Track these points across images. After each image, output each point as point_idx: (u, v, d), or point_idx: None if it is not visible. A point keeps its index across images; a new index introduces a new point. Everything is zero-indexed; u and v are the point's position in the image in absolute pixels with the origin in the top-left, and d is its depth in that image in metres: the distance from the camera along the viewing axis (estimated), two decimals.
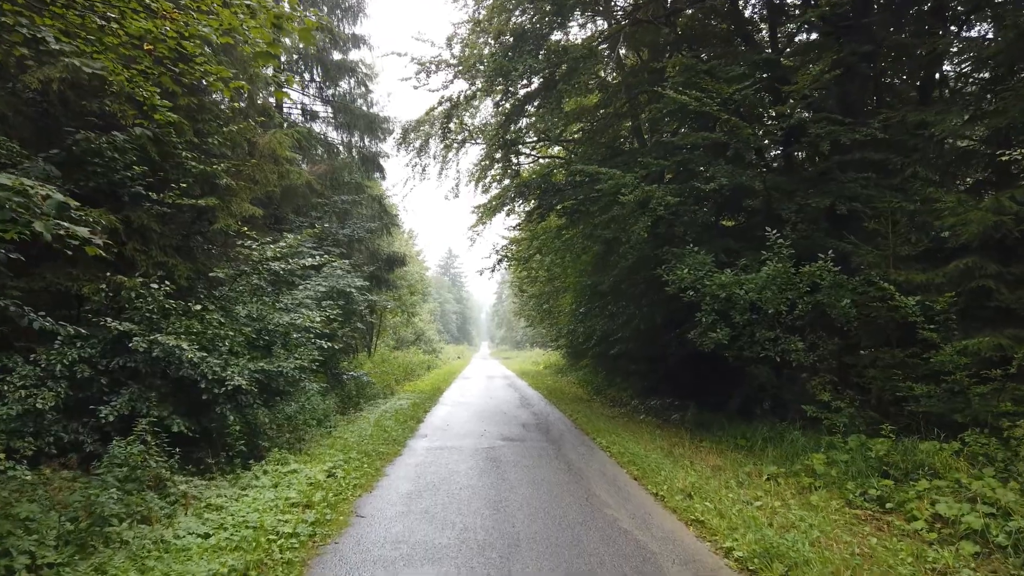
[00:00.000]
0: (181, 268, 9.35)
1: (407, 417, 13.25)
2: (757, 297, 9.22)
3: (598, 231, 12.69)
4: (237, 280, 9.76)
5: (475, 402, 17.39)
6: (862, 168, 10.64)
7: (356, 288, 15.40)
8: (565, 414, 14.55)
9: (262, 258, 9.59)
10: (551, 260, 22.75)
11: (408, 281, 31.18)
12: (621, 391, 18.36)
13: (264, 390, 9.27)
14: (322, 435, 10.97)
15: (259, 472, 7.62)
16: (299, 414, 11.41)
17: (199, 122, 9.80)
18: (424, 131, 18.89)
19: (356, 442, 9.93)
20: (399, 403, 16.04)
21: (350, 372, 16.85)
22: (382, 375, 21.05)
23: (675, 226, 10.92)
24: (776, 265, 9.07)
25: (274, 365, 9.00)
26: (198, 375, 8.04)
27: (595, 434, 11.14)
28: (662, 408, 14.87)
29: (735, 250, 10.95)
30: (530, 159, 20.04)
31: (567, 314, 23.63)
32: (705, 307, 9.56)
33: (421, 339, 39.83)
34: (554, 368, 32.27)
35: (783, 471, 7.74)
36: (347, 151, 20.01)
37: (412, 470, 8.27)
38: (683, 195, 10.60)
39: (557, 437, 11.14)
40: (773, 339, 9.25)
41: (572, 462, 8.81)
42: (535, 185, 14.72)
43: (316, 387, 13.07)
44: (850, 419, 8.45)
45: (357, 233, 18.51)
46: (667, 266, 10.39)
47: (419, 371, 28.85)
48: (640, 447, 9.62)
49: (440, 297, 75.17)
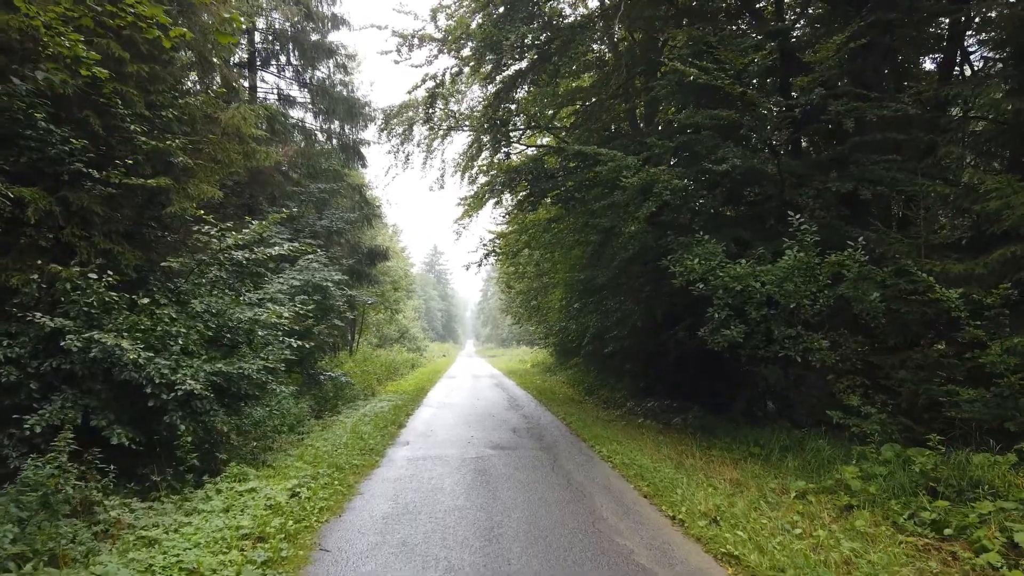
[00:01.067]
0: (129, 257, 8.28)
1: (387, 422, 12.21)
2: (775, 290, 8.29)
3: (594, 220, 11.72)
4: (195, 271, 8.69)
5: (461, 403, 16.37)
6: (882, 150, 9.77)
7: (333, 282, 14.34)
8: (558, 417, 13.58)
9: (222, 247, 8.51)
10: (540, 255, 21.84)
11: (391, 277, 30.09)
12: (614, 392, 17.42)
13: (224, 394, 8.21)
14: (293, 443, 9.92)
15: (212, 491, 6.57)
16: (268, 420, 10.38)
17: (152, 93, 8.72)
18: (407, 117, 17.83)
19: (329, 452, 8.90)
20: (380, 405, 14.99)
21: (328, 372, 15.78)
22: (363, 375, 20.00)
23: (681, 213, 9.97)
24: (797, 255, 8.14)
25: (234, 367, 7.94)
26: (143, 378, 7.00)
27: (593, 441, 10.17)
28: (660, 410, 13.95)
29: (745, 240, 10.03)
30: (518, 153, 19.05)
31: (556, 311, 22.69)
32: (718, 301, 8.62)
33: (405, 337, 38.72)
34: (542, 366, 31.30)
35: (813, 487, 6.80)
36: (326, 138, 18.87)
37: (390, 487, 7.24)
38: (690, 179, 9.66)
39: (551, 444, 10.16)
40: (793, 337, 8.31)
41: (571, 475, 7.83)
42: (526, 171, 13.70)
43: (288, 389, 12.02)
44: (882, 426, 7.53)
45: (336, 224, 17.42)
46: (673, 257, 9.43)
47: (403, 370, 27.77)
48: (645, 457, 8.66)
49: (425, 294, 74.01)
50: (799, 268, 8.05)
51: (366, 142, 19.28)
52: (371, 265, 20.98)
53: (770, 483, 7.09)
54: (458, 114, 18.71)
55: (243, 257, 8.80)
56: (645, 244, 10.79)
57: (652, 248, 10.87)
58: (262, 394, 9.29)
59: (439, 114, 18.79)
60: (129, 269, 8.30)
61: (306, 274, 13.91)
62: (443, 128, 18.68)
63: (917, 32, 11.02)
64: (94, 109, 7.89)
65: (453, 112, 18.80)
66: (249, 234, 8.68)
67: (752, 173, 9.90)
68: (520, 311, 31.08)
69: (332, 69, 19.15)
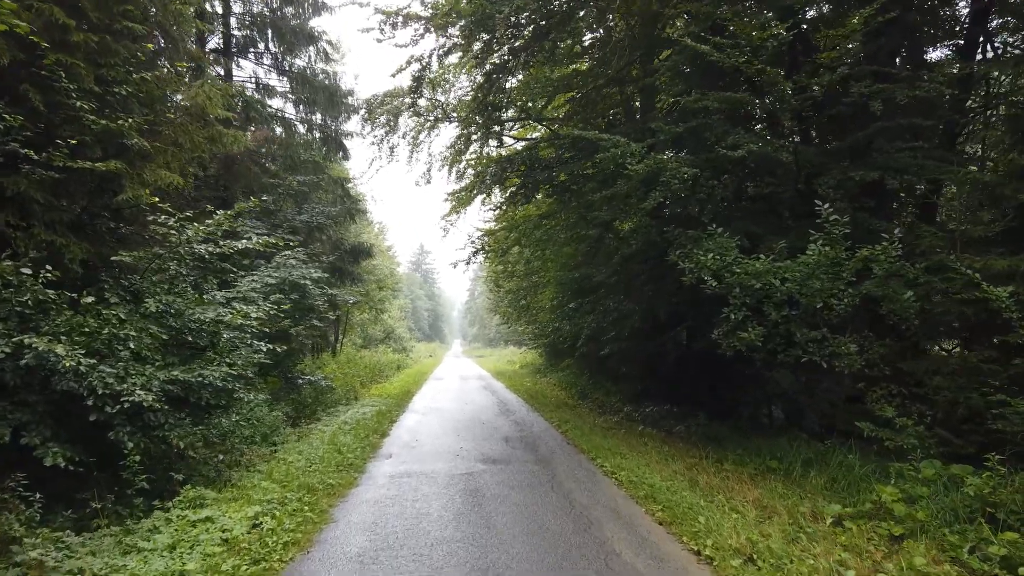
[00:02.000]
0: (75, 250, 7.35)
1: (369, 430, 11.31)
2: (798, 289, 7.48)
3: (592, 213, 10.87)
4: (151, 267, 7.76)
5: (449, 408, 15.48)
6: (903, 136, 9.04)
7: (312, 280, 13.42)
8: (552, 424, 12.73)
9: (182, 239, 7.58)
10: (531, 252, 21.01)
11: (377, 276, 29.12)
12: (610, 395, 16.61)
13: (183, 405, 7.30)
14: (264, 456, 9.01)
15: (160, 521, 5.66)
16: (236, 431, 9.46)
17: (103, 67, 7.79)
18: (392, 106, 16.91)
19: (302, 467, 7.99)
20: (362, 411, 14.08)
21: (307, 376, 14.85)
22: (346, 377, 19.05)
23: (689, 205, 9.14)
24: (823, 249, 7.33)
25: (194, 374, 7.03)
26: (84, 389, 6.09)
27: (594, 453, 9.33)
28: (660, 417, 13.16)
29: (757, 234, 9.23)
30: (507, 148, 18.15)
31: (547, 310, 21.85)
32: (734, 300, 7.80)
33: (391, 337, 37.74)
34: (532, 368, 30.45)
35: (850, 511, 5.99)
36: (307, 129, 17.88)
37: (369, 512, 6.35)
38: (701, 167, 8.85)
39: (548, 456, 9.31)
40: (819, 340, 7.51)
41: (573, 496, 6.98)
42: (519, 161, 12.80)
43: (261, 396, 11.10)
44: (920, 439, 6.75)
45: (316, 219, 16.48)
46: (682, 252, 8.61)
47: (388, 372, 26.82)
48: (654, 473, 7.83)
49: (412, 294, 72.94)
50: (825, 264, 7.25)
51: (349, 134, 18.32)
52: (354, 263, 20.03)
53: (800, 506, 6.28)
54: (445, 105, 17.85)
55: (207, 251, 7.87)
56: (649, 239, 9.97)
57: (656, 243, 10.05)
58: (229, 403, 8.39)
59: (425, 104, 17.90)
60: (75, 264, 7.37)
61: (283, 272, 12.98)
62: (430, 119, 17.79)
63: (933, 16, 10.30)
64: (34, 83, 6.98)
65: (440, 103, 17.93)
66: (213, 225, 7.75)
67: (765, 162, 9.10)
68: (509, 311, 30.21)
69: (313, 57, 18.16)
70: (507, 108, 12.41)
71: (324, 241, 18.27)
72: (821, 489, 6.98)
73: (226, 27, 16.28)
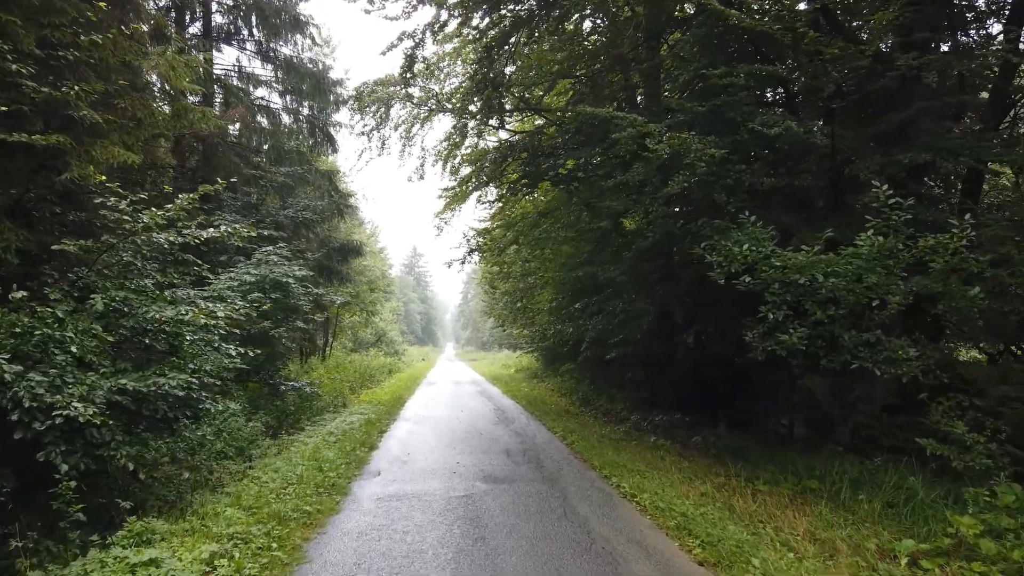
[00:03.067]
0: (9, 237, 6.35)
1: (356, 442, 10.28)
2: (846, 285, 6.52)
3: (602, 204, 9.88)
4: (102, 258, 6.73)
5: (443, 416, 14.45)
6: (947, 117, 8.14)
7: (296, 279, 12.37)
8: (556, 434, 11.73)
9: (137, 226, 6.54)
10: (528, 252, 20.06)
11: (368, 277, 28.04)
12: (614, 402, 15.60)
13: (135, 419, 6.28)
14: (235, 474, 7.99)
15: (94, 565, 4.62)
16: (204, 445, 8.44)
17: (47, 27, 6.79)
18: (383, 94, 15.92)
19: (276, 489, 6.96)
20: (350, 419, 13.04)
21: (291, 382, 13.80)
22: (334, 383, 17.98)
23: (715, 192, 8.16)
24: (877, 239, 6.37)
25: (147, 382, 6.00)
26: (8, 401, 5.08)
27: (606, 469, 8.34)
28: (671, 426, 12.19)
29: (788, 225, 8.27)
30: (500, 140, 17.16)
31: (545, 312, 20.85)
32: (772, 298, 6.82)
33: (383, 340, 36.64)
34: (528, 372, 29.43)
35: (926, 548, 5.02)
36: (292, 119, 16.83)
37: (351, 549, 5.33)
38: (727, 150, 7.89)
39: (555, 474, 8.31)
40: (871, 343, 6.54)
41: (591, 525, 5.99)
42: (521, 147, 11.76)
43: (235, 405, 10.07)
44: (993, 458, 5.79)
45: (302, 215, 15.43)
46: (708, 244, 7.63)
47: (379, 376, 25.73)
48: (680, 495, 6.85)
49: (404, 297, 71.77)
50: (880, 256, 6.29)
51: (338, 124, 17.33)
52: (343, 262, 18.98)
53: (863, 540, 5.30)
54: (439, 95, 16.89)
55: (167, 240, 6.83)
56: (666, 231, 8.98)
57: (673, 236, 9.09)
58: (196, 414, 7.37)
59: (419, 94, 16.92)
60: (9, 254, 6.35)
61: (263, 268, 11.95)
62: (424, 110, 16.81)
63: None
64: None
65: (434, 92, 16.96)
66: (174, 210, 6.72)
67: (797, 146, 8.15)
68: (504, 313, 29.22)
69: (300, 44, 17.12)
70: (507, 90, 11.35)
71: (311, 239, 17.22)
72: (877, 517, 6.01)
73: (206, 10, 15.26)
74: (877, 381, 8.97)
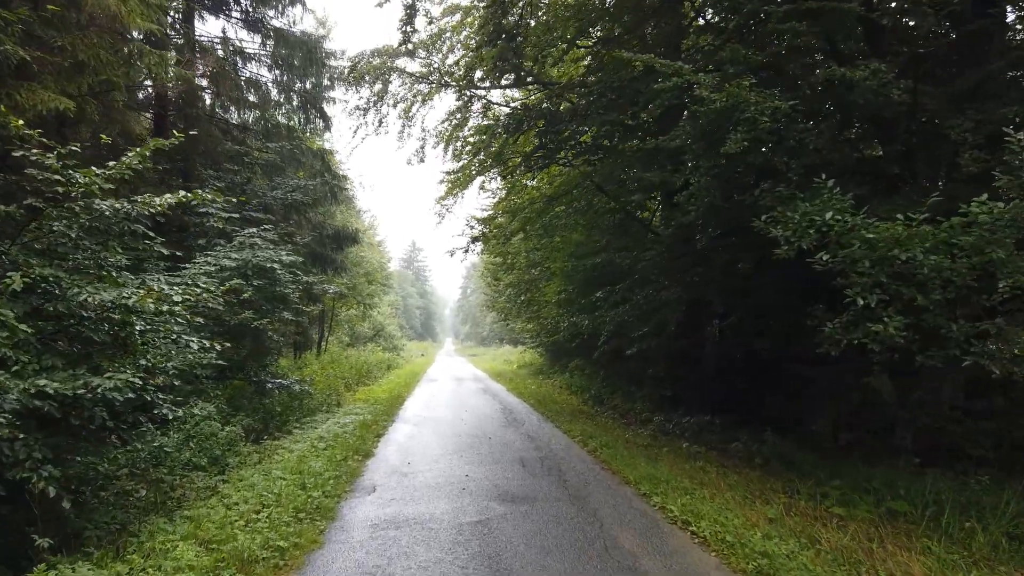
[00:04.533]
0: None
1: (349, 449, 8.98)
2: (951, 265, 5.23)
3: (635, 176, 8.56)
4: (26, 228, 5.41)
5: (446, 417, 13.15)
6: None
7: (283, 264, 11.06)
8: (574, 439, 10.43)
9: (73, 187, 5.23)
10: (536, 241, 18.85)
11: (365, 268, 26.69)
12: (631, 402, 14.32)
13: (63, 430, 4.98)
14: (203, 491, 6.70)
15: None
16: (172, 454, 7.18)
17: None
18: (381, 65, 14.61)
19: (246, 514, 5.65)
20: (344, 421, 11.76)
21: (278, 379, 12.51)
22: (328, 380, 16.68)
23: (776, 155, 6.85)
24: (996, 205, 5.08)
25: (74, 384, 4.69)
26: None
27: (643, 484, 7.04)
28: (699, 429, 10.95)
29: (860, 196, 6.96)
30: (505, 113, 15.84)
31: (553, 305, 19.55)
32: (861, 276, 5.51)
33: (381, 335, 35.31)
34: (532, 368, 28.13)
35: None
36: (281, 93, 15.45)
37: None
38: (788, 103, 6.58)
39: (581, 489, 7.03)
40: (992, 334, 5.23)
41: (641, 566, 4.69)
42: (536, 113, 10.37)
43: (209, 408, 8.78)
44: None
45: (292, 197, 14.09)
46: (770, 217, 6.33)
47: (377, 372, 24.42)
48: (740, 520, 5.56)
49: (403, 291, 70.43)
50: (1008, 225, 4.99)
51: (332, 100, 15.93)
52: (338, 249, 17.63)
53: None
54: (441, 69, 15.60)
55: (109, 208, 5.52)
56: (712, 205, 7.66)
57: (718, 210, 7.76)
58: (151, 420, 6.09)
59: (420, 69, 15.61)
60: None
61: (245, 252, 10.64)
62: (425, 86, 15.52)
63: None
64: None
65: (436, 67, 15.67)
66: (118, 168, 5.41)
67: (870, 103, 6.83)
68: (507, 306, 27.94)
69: (292, 17, 15.73)
70: (525, 39, 9.87)
71: (303, 224, 15.88)
72: (1005, 555, 4.74)
73: None
74: (943, 379, 7.75)
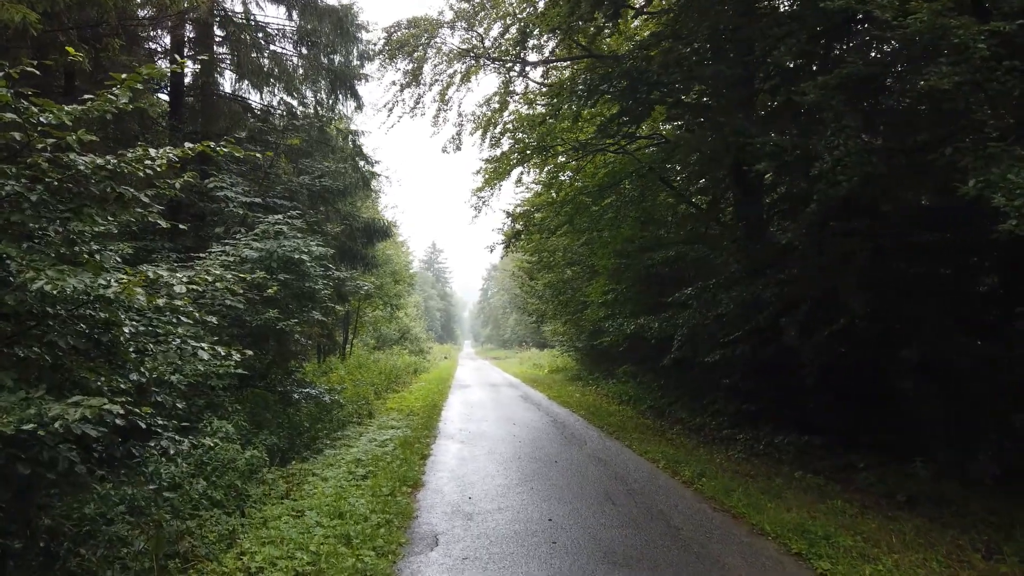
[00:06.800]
0: None
1: (394, 478, 7.37)
2: None
3: (758, 140, 6.83)
4: None
5: (495, 434, 11.46)
6: None
7: (312, 256, 9.53)
8: (656, 464, 8.74)
9: (29, 131, 3.68)
10: (580, 236, 17.37)
11: (391, 267, 25.19)
12: (700, 414, 12.56)
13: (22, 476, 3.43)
14: (213, 544, 5.13)
15: None
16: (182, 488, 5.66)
17: None
18: (420, 36, 13.06)
19: None
20: (380, 438, 10.18)
21: (306, 388, 10.93)
22: (357, 386, 15.13)
23: (969, 105, 5.15)
24: None
25: (20, 415, 3.11)
26: None
27: (790, 539, 5.34)
28: (800, 451, 9.30)
29: None
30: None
31: (597, 306, 17.87)
32: None
33: (407, 337, 33.80)
34: (566, 374, 26.39)
35: None
36: (311, 69, 13.90)
37: None
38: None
39: (706, 546, 5.35)
40: None
41: None
42: (616, 75, 8.61)
43: (227, 427, 7.21)
44: None
45: (320, 183, 12.55)
46: (982, 181, 4.63)
47: (405, 377, 22.89)
48: None
49: (424, 293, 69.09)
50: None
51: (362, 76, 14.37)
52: (369, 244, 16.11)
53: None
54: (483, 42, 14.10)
55: (87, 165, 3.95)
56: (865, 174, 5.95)
57: (873, 178, 6.05)
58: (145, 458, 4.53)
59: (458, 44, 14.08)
60: None
61: (269, 243, 9.11)
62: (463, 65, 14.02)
63: None
64: None
65: (478, 39, 14.15)
66: (96, 105, 3.84)
67: None
68: (542, 307, 26.31)
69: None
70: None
71: (331, 215, 14.34)
72: None
73: None
74: None
